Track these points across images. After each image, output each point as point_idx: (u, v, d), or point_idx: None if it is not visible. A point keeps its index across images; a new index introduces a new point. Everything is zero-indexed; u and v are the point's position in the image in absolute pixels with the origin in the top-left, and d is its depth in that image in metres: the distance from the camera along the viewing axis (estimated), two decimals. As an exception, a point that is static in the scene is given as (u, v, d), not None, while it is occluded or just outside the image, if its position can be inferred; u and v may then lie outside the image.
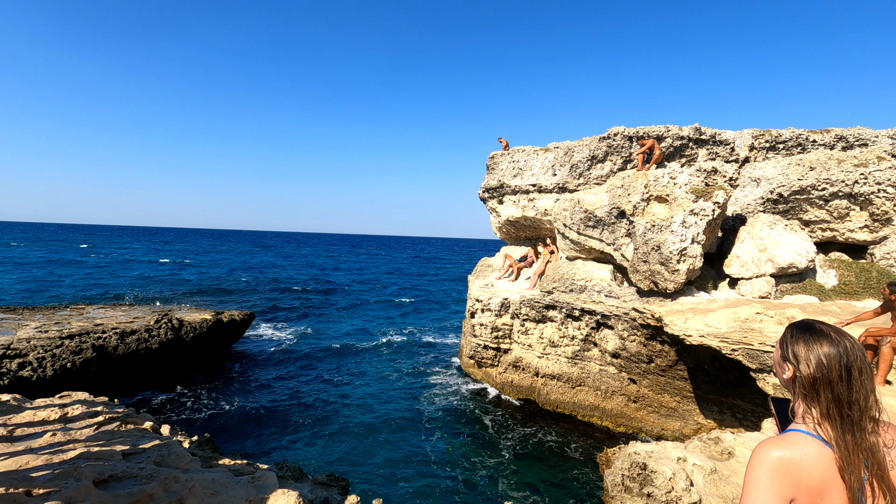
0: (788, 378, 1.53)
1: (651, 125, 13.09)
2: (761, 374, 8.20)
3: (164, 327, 13.69)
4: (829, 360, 1.43)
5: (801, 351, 1.49)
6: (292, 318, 25.58)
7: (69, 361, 10.65)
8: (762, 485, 1.35)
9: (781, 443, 1.41)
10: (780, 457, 1.37)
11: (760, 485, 1.35)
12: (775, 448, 1.40)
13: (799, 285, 10.43)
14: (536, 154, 15.47)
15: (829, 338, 1.47)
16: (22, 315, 13.87)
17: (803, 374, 1.47)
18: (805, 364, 1.47)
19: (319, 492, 4.59)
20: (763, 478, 1.36)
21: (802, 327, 1.54)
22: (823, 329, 1.50)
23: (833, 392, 1.41)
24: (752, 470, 1.38)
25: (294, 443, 10.75)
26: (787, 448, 1.39)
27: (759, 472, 1.37)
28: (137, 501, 3.42)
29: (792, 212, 11.40)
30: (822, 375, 1.43)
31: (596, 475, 9.50)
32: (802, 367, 1.48)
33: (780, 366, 1.58)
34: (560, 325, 12.50)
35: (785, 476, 1.35)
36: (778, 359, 1.59)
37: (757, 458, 1.39)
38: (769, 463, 1.37)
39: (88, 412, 5.20)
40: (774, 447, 1.40)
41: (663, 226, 10.28)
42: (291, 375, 15.56)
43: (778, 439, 1.43)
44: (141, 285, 33.89)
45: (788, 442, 1.41)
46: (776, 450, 1.39)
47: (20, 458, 3.77)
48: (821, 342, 1.47)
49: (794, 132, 12.34)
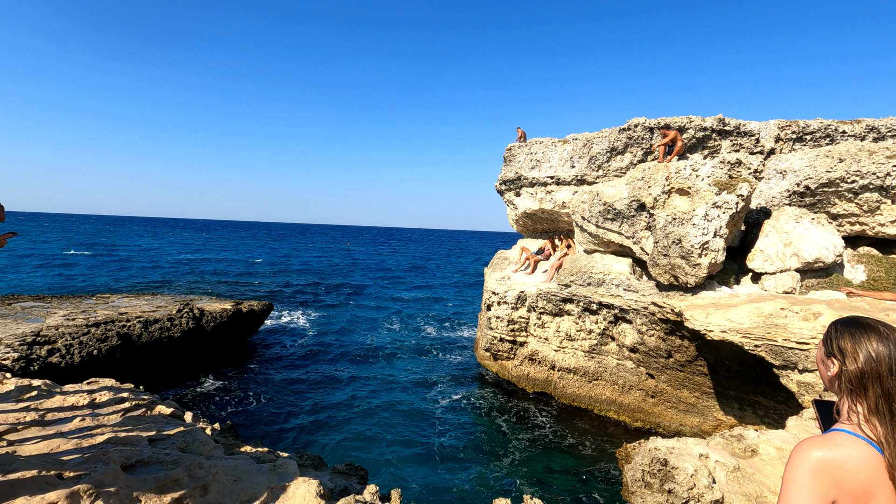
0: (833, 375, 1.48)
1: (673, 116, 12.81)
2: (785, 371, 8.03)
3: (185, 316, 13.97)
4: (879, 354, 1.37)
5: (848, 345, 1.44)
6: (310, 309, 25.88)
7: (95, 349, 10.95)
8: (801, 485, 1.30)
9: (824, 442, 1.35)
10: (821, 457, 1.32)
11: (799, 485, 1.30)
12: (816, 448, 1.34)
13: (825, 280, 10.15)
14: (555, 146, 15.28)
15: (877, 332, 1.41)
16: (50, 303, 14.28)
17: (850, 369, 1.42)
18: (852, 358, 1.42)
19: (339, 480, 4.65)
20: (802, 478, 1.31)
21: (848, 322, 1.49)
22: (871, 323, 1.44)
23: (882, 387, 1.36)
24: (792, 470, 1.33)
25: (312, 431, 10.91)
26: (830, 448, 1.33)
27: (799, 472, 1.32)
28: (163, 486, 3.51)
29: (819, 205, 11.08)
30: (870, 369, 1.38)
31: (614, 470, 9.45)
32: (849, 361, 1.42)
33: (823, 363, 1.53)
34: (577, 319, 12.41)
35: (827, 477, 1.29)
36: (822, 356, 1.54)
37: (797, 459, 1.34)
38: (809, 463, 1.31)
39: (115, 398, 5.33)
40: (816, 447, 1.34)
41: (685, 219, 10.09)
42: (309, 365, 15.77)
43: (820, 439, 1.38)
44: (162, 275, 34.62)
45: (831, 442, 1.35)
46: (817, 450, 1.33)
47: (51, 442, 3.89)
48: (869, 336, 1.41)
49: (823, 123, 11.95)
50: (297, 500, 3.73)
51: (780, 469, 4.39)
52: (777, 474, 4.32)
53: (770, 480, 4.26)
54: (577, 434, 11.07)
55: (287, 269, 44.01)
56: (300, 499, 3.74)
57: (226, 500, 3.61)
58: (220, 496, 3.63)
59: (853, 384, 1.41)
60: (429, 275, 47.16)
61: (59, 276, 31.61)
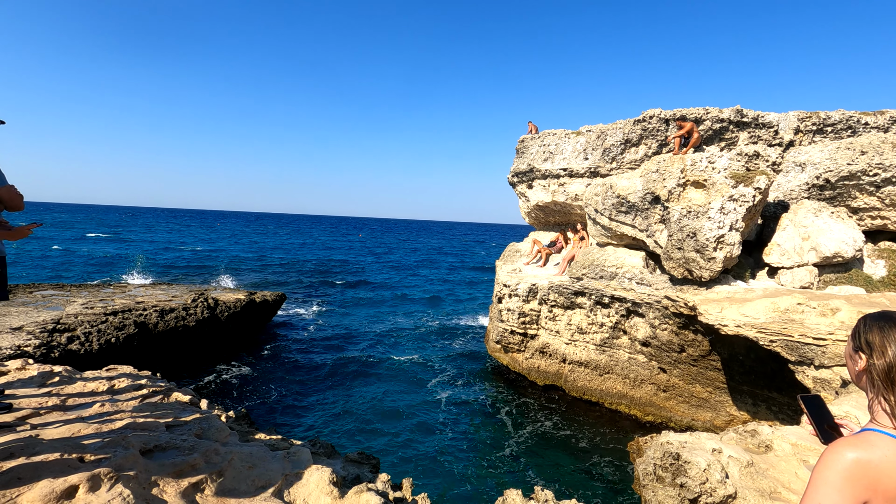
0: (861, 369, 1.44)
1: (689, 107, 12.59)
2: (800, 367, 7.92)
3: (200, 306, 14.17)
4: None
5: (876, 339, 1.40)
6: (322, 299, 26.09)
7: (113, 336, 11.17)
8: (833, 485, 1.25)
9: (858, 443, 1.31)
10: (856, 458, 1.27)
11: (831, 485, 1.26)
12: (851, 449, 1.29)
13: (844, 275, 9.96)
14: (568, 137, 15.14)
15: None
16: (69, 292, 14.58)
17: (878, 363, 1.38)
18: (880, 353, 1.38)
19: (351, 469, 4.71)
20: (835, 479, 1.26)
21: (877, 316, 1.45)
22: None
23: None
24: (824, 470, 1.29)
25: (323, 420, 11.05)
26: (865, 449, 1.28)
27: (831, 472, 1.27)
28: (181, 471, 3.58)
29: (839, 198, 10.84)
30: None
31: (624, 463, 9.44)
32: (877, 356, 1.38)
33: (851, 358, 1.49)
34: (589, 312, 12.35)
35: (861, 478, 1.25)
36: (849, 351, 1.51)
37: (829, 459, 1.29)
38: (843, 464, 1.27)
39: (133, 385, 5.44)
40: (850, 448, 1.29)
41: (700, 212, 9.95)
42: (320, 355, 15.94)
43: (853, 439, 1.33)
44: (176, 265, 35.13)
45: (865, 442, 1.30)
46: (852, 451, 1.28)
47: (73, 427, 3.98)
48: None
49: (845, 114, 11.65)
50: (311, 487, 3.79)
51: (794, 465, 4.35)
52: (791, 470, 4.28)
53: (784, 476, 4.22)
54: (587, 427, 11.06)
55: (300, 260, 44.38)
56: (314, 486, 3.80)
57: (241, 485, 3.67)
58: (235, 482, 3.70)
59: (881, 379, 1.37)
60: (444, 267, 47.20)
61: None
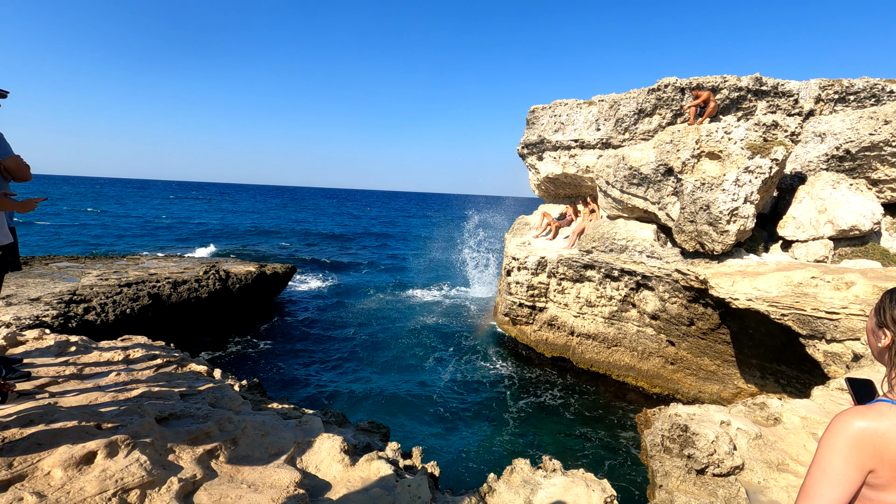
0: (885, 346, 1.40)
1: (706, 76, 12.17)
2: (812, 341, 7.87)
3: (212, 278, 14.34)
4: None
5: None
6: (332, 272, 26.30)
7: (128, 308, 11.37)
8: (839, 452, 1.26)
9: (867, 412, 1.29)
10: (863, 427, 1.26)
11: (837, 451, 1.26)
12: (859, 418, 1.28)
13: (860, 249, 9.78)
14: (580, 108, 14.77)
15: None
16: (84, 264, 14.79)
17: None
18: None
19: (362, 437, 4.81)
20: (840, 445, 1.26)
21: None
22: None
23: None
24: (830, 437, 1.28)
25: (334, 390, 11.27)
26: (873, 418, 1.27)
27: (838, 439, 1.27)
28: (195, 439, 3.66)
29: (859, 170, 10.54)
30: None
31: (631, 434, 9.57)
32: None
33: (874, 334, 1.45)
34: (598, 285, 12.30)
35: (867, 446, 1.24)
36: (872, 326, 1.46)
37: (837, 427, 1.29)
38: (850, 432, 1.26)
39: (148, 355, 5.55)
40: (858, 417, 1.28)
41: (714, 184, 9.74)
42: (330, 327, 16.15)
43: (863, 409, 1.31)
44: (187, 237, 35.44)
45: (875, 412, 1.29)
46: (860, 420, 1.27)
47: (90, 395, 4.08)
48: None
49: (869, 82, 11.21)
50: (323, 455, 3.87)
51: (803, 438, 4.36)
52: (800, 443, 4.29)
53: (792, 449, 4.24)
54: (594, 398, 11.18)
55: (309, 233, 44.57)
56: (325, 453, 3.88)
57: (255, 452, 3.76)
58: (249, 449, 3.78)
59: None
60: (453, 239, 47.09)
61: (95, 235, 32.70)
